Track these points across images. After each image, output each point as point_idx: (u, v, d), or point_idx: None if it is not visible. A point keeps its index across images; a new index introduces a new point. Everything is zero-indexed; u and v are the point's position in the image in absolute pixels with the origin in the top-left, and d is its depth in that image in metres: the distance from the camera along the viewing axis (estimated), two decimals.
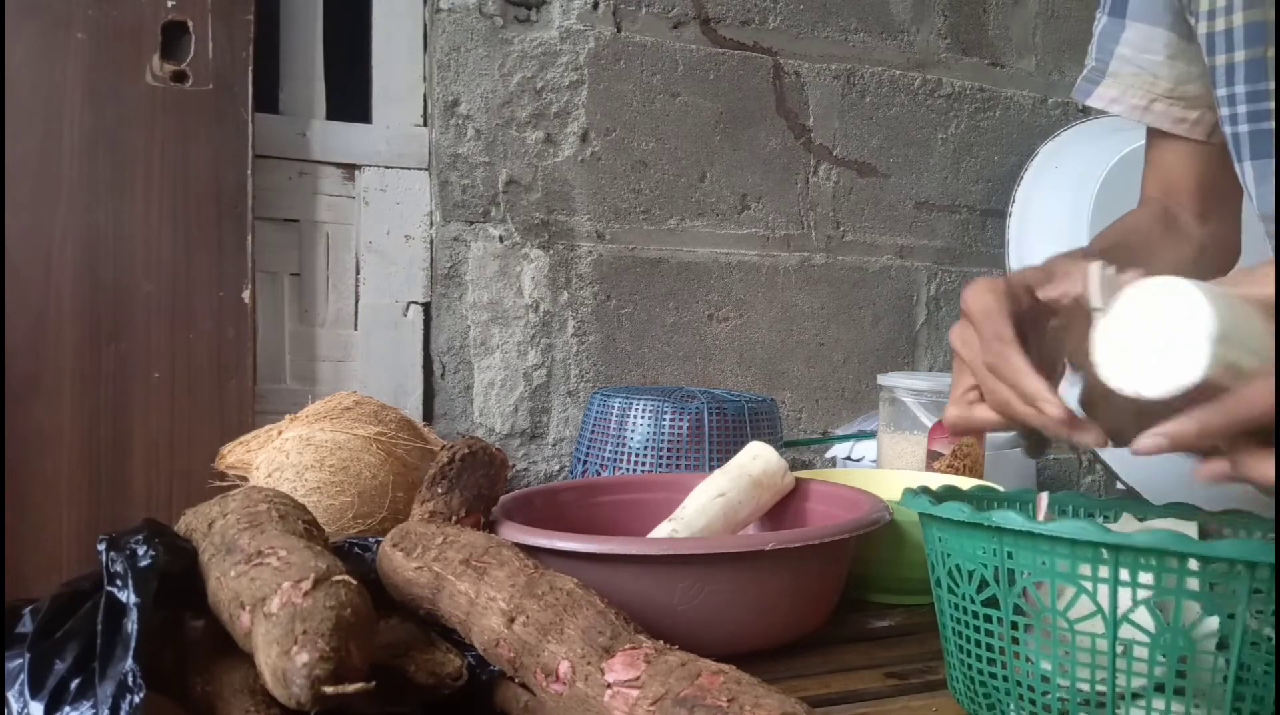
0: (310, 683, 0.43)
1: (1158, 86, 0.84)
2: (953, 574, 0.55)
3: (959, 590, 0.55)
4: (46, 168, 1.07)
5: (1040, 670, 0.51)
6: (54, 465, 1.07)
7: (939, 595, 0.58)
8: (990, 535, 0.52)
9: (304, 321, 1.25)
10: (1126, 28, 0.84)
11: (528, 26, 1.32)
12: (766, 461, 0.83)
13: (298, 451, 0.85)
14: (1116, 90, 0.86)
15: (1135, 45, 0.84)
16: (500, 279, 1.32)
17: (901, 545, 0.79)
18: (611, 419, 1.08)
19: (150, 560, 0.55)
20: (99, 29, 1.09)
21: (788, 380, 1.49)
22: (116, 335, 1.10)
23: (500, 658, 0.53)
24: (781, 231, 1.48)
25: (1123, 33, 0.85)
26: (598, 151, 1.36)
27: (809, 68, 1.49)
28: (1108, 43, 0.86)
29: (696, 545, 0.69)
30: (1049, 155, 1.54)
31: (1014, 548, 0.51)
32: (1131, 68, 0.85)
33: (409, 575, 0.60)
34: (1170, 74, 0.84)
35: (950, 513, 0.53)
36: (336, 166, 1.25)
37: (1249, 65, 0.74)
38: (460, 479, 0.71)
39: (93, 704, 0.49)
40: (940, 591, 0.57)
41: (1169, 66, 0.83)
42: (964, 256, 1.62)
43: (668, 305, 1.41)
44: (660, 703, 0.45)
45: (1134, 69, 0.85)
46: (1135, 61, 0.85)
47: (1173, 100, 0.84)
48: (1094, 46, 0.88)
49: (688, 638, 0.52)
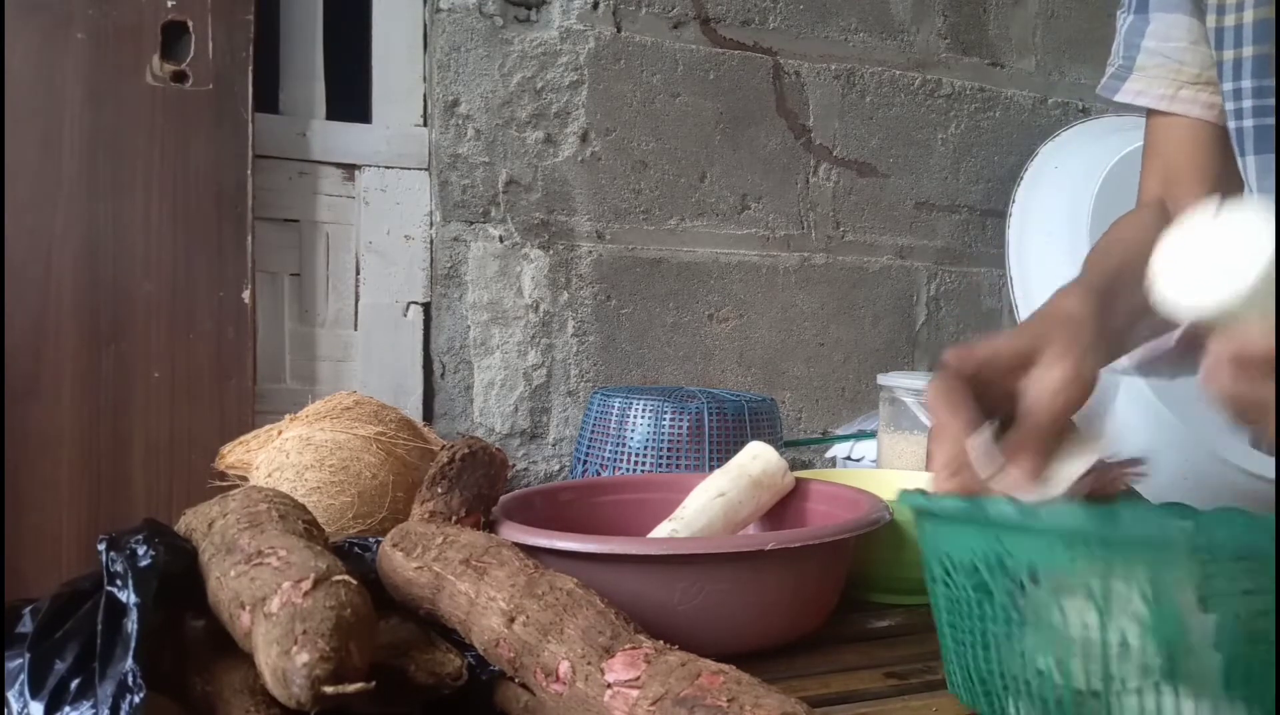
0: (310, 683, 0.43)
1: (1183, 74, 0.84)
2: (947, 568, 0.55)
3: (954, 583, 0.55)
4: (46, 168, 1.07)
5: (1037, 663, 0.51)
6: (54, 465, 1.07)
7: (934, 591, 0.58)
8: (984, 528, 0.52)
9: (304, 321, 1.25)
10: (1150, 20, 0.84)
11: (528, 26, 1.32)
12: (766, 461, 0.83)
13: (298, 451, 0.85)
14: (1143, 83, 0.86)
15: (1159, 36, 0.84)
16: (500, 279, 1.32)
17: (901, 545, 0.79)
18: (611, 419, 1.08)
19: (150, 560, 0.55)
20: (99, 29, 1.09)
21: (788, 380, 1.49)
22: (116, 335, 1.10)
23: (500, 658, 0.53)
24: (781, 231, 1.48)
25: (1147, 26, 0.85)
26: (598, 151, 1.36)
27: (809, 68, 1.49)
28: (1134, 38, 0.86)
29: (696, 545, 0.69)
30: (1049, 155, 1.54)
31: (1009, 540, 0.51)
32: (1157, 59, 0.85)
33: (409, 575, 0.60)
34: (1195, 59, 0.83)
35: (944, 507, 0.54)
36: (336, 166, 1.25)
37: (1256, 61, 0.75)
38: (460, 479, 0.71)
39: (93, 704, 0.49)
40: (935, 587, 0.57)
41: (1193, 52, 0.83)
42: (964, 256, 1.62)
43: (668, 305, 1.41)
44: (660, 703, 0.45)
45: (1159, 60, 0.84)
46: (1161, 52, 0.84)
47: (1199, 86, 0.84)
48: (1120, 44, 0.87)
49: (688, 638, 0.52)
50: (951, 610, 0.56)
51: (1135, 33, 0.86)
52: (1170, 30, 0.84)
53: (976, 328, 1.63)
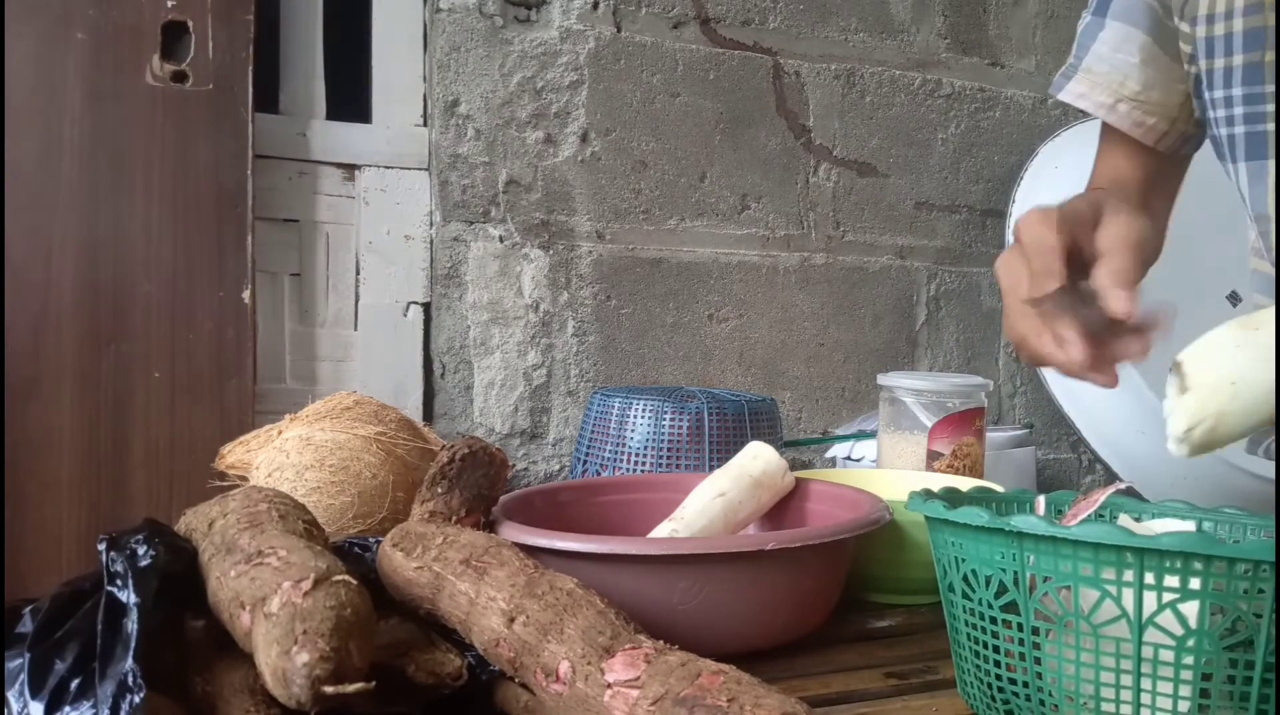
0: (310, 683, 0.43)
1: (1125, 88, 0.86)
2: (968, 579, 0.54)
3: (975, 595, 0.54)
4: (46, 168, 1.07)
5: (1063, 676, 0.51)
6: (54, 465, 1.07)
7: (950, 600, 0.57)
8: (1010, 540, 0.51)
9: (304, 321, 1.25)
10: (1106, 27, 0.86)
11: (528, 26, 1.32)
12: (767, 461, 0.83)
13: (298, 451, 0.85)
14: (1086, 87, 0.88)
15: (1111, 44, 0.86)
16: (500, 279, 1.32)
17: (901, 545, 0.79)
18: (611, 419, 1.08)
19: (150, 560, 0.55)
20: (99, 29, 1.09)
21: (788, 380, 1.49)
22: (116, 335, 1.10)
23: (500, 658, 0.53)
24: (781, 231, 1.48)
25: (1101, 31, 0.86)
26: (598, 151, 1.36)
27: (809, 68, 1.49)
28: (1087, 40, 0.88)
29: (696, 545, 0.69)
30: (1049, 155, 1.54)
31: (1035, 552, 0.51)
32: (1105, 66, 0.86)
33: (409, 575, 0.60)
34: (1139, 77, 0.85)
35: (968, 518, 0.52)
36: (336, 166, 1.25)
37: (1247, 69, 0.75)
38: (460, 479, 0.71)
39: (93, 704, 0.49)
40: (953, 597, 0.56)
41: (1140, 70, 0.85)
42: (964, 256, 1.62)
43: (668, 305, 1.41)
44: (660, 703, 0.45)
45: (1107, 67, 0.86)
46: (1109, 60, 0.86)
47: (1135, 103, 0.86)
48: (1075, 43, 0.89)
49: (688, 638, 0.52)
50: (972, 624, 0.55)
51: (1089, 35, 0.87)
52: (1123, 42, 0.85)
53: (976, 328, 1.63)
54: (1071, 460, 1.71)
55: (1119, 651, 0.49)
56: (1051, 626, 0.51)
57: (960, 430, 1.00)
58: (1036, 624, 0.51)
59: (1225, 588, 0.46)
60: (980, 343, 1.64)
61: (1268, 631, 0.46)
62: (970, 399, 1.01)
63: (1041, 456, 1.64)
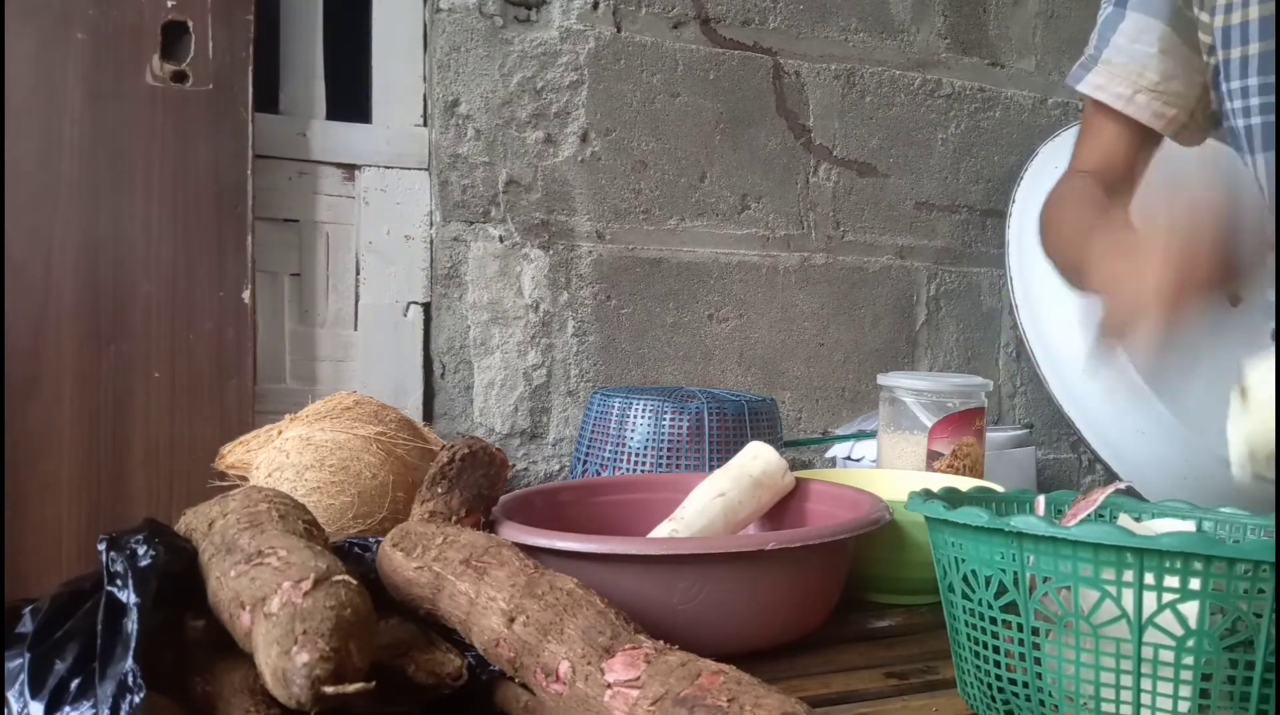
0: (310, 683, 0.43)
1: (1144, 79, 0.85)
2: (968, 579, 0.54)
3: (974, 596, 0.54)
4: (46, 168, 1.07)
5: (1063, 676, 0.51)
6: (54, 465, 1.07)
7: (950, 600, 0.57)
8: (1010, 540, 0.51)
9: (304, 321, 1.25)
10: (1125, 18, 0.85)
11: (528, 26, 1.32)
12: (767, 461, 0.83)
13: (298, 451, 0.85)
14: (1104, 78, 0.87)
15: (1130, 35, 0.85)
16: (500, 279, 1.32)
17: (901, 545, 0.79)
18: (611, 419, 1.08)
19: (150, 560, 0.55)
20: (99, 29, 1.09)
21: (788, 380, 1.49)
22: (116, 335, 1.10)
23: (500, 658, 0.53)
24: (781, 231, 1.48)
25: (1121, 22, 0.86)
26: (598, 151, 1.36)
27: (809, 68, 1.49)
28: (1107, 31, 0.87)
29: (696, 545, 0.69)
30: (1049, 155, 1.54)
31: (1034, 552, 0.50)
32: (1124, 57, 0.86)
33: (409, 575, 0.60)
34: (1158, 68, 0.85)
35: (968, 518, 0.52)
36: (336, 166, 1.25)
37: (1263, 58, 0.75)
38: (460, 479, 0.71)
39: (93, 704, 0.49)
40: (953, 597, 0.56)
41: (1159, 60, 0.84)
42: (964, 256, 1.62)
43: (668, 305, 1.41)
44: (660, 703, 0.45)
45: (1125, 59, 0.86)
46: (1128, 51, 0.86)
47: (1155, 94, 0.85)
48: (1095, 34, 0.89)
49: (688, 638, 0.52)
50: (971, 624, 0.55)
51: (1109, 26, 0.87)
52: (1142, 33, 0.85)
53: (976, 328, 1.63)
54: (1071, 460, 1.71)
55: (1119, 652, 0.49)
56: (1051, 627, 0.51)
57: (960, 430, 1.00)
58: (1036, 624, 0.51)
59: (1225, 588, 0.46)
60: (980, 343, 1.64)
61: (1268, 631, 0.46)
62: (970, 399, 1.02)
63: (1041, 456, 1.64)
